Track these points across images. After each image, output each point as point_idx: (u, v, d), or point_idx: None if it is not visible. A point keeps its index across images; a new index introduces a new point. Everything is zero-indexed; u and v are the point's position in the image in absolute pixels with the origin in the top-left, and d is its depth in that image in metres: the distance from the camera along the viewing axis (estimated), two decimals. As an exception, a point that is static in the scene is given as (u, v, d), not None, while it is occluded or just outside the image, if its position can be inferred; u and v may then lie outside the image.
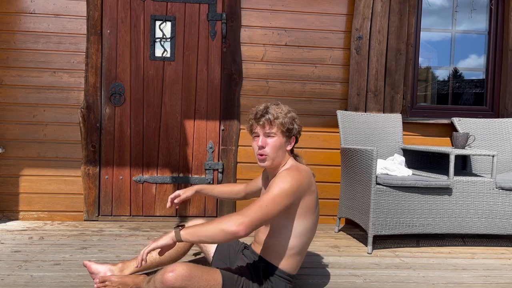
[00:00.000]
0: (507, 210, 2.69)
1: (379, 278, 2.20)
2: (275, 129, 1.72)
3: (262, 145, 1.72)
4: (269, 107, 1.75)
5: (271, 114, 1.71)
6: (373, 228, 2.58)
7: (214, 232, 1.50)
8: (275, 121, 1.71)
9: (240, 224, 1.48)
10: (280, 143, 1.73)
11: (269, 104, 1.78)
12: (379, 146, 3.12)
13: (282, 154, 1.76)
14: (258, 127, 1.73)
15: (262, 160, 1.74)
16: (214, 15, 3.20)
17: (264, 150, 1.72)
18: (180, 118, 3.24)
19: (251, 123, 1.76)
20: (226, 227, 1.48)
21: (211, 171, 3.27)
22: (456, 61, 3.67)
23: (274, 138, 1.72)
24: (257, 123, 1.73)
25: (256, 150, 1.76)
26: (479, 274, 2.31)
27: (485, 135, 3.25)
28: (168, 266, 1.56)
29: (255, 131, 1.75)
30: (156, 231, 2.94)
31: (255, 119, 1.73)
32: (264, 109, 1.74)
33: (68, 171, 3.16)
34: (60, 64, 3.13)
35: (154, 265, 1.98)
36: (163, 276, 1.52)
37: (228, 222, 1.49)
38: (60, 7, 3.12)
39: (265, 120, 1.71)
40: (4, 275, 2.07)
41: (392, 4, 3.26)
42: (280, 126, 1.72)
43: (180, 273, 1.52)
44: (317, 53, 3.31)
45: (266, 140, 1.72)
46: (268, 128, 1.72)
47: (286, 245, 1.72)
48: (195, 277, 1.54)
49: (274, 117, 1.71)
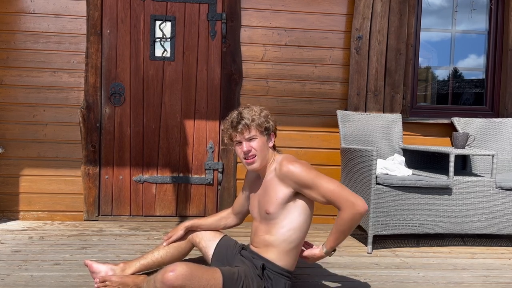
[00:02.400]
0: (507, 210, 2.69)
1: (379, 278, 2.21)
2: (254, 132, 1.76)
3: (248, 149, 1.76)
4: (242, 112, 1.79)
5: (247, 119, 1.75)
6: (373, 228, 2.58)
7: (351, 223, 1.67)
8: (252, 124, 1.75)
9: (361, 206, 1.65)
10: (263, 142, 1.79)
11: (240, 109, 1.82)
12: (379, 146, 3.13)
13: (267, 152, 1.81)
14: (237, 135, 1.77)
15: (251, 162, 1.78)
16: (214, 15, 3.20)
17: (251, 153, 1.77)
18: (180, 118, 3.24)
19: (229, 132, 1.79)
20: (356, 219, 1.66)
21: (211, 171, 3.27)
22: (456, 61, 3.67)
23: (256, 140, 1.77)
24: (235, 131, 1.76)
25: (241, 156, 1.80)
26: (479, 274, 2.31)
27: (485, 135, 3.25)
28: (169, 266, 1.57)
29: (236, 139, 1.79)
30: (156, 231, 2.94)
31: (233, 128, 1.77)
32: (238, 115, 1.78)
33: (68, 171, 3.16)
34: (60, 64, 3.13)
35: (156, 265, 1.99)
36: (164, 276, 1.52)
37: (356, 206, 1.64)
38: (60, 7, 3.11)
39: (242, 126, 1.75)
40: (4, 275, 2.07)
41: (392, 4, 3.26)
42: (257, 127, 1.77)
43: (180, 272, 1.52)
44: (317, 53, 3.31)
45: (250, 144, 1.77)
46: (247, 133, 1.76)
47: (286, 239, 1.74)
48: (196, 276, 1.55)
49: (250, 121, 1.75)
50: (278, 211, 1.73)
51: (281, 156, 1.82)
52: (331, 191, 1.67)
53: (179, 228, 2.07)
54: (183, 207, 3.27)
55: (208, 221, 2.12)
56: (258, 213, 1.84)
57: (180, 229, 2.06)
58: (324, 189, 1.67)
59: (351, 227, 1.68)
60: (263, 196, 1.81)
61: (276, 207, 1.73)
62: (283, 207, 1.73)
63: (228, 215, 2.14)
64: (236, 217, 2.12)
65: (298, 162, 1.74)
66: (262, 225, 1.79)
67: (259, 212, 1.82)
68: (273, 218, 1.74)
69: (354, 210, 1.63)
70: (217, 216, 2.16)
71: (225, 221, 2.13)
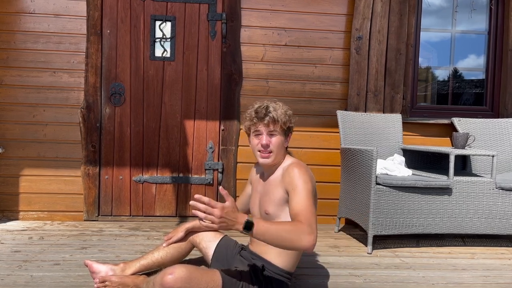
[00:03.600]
0: (507, 210, 2.69)
1: (379, 278, 2.20)
2: (278, 128, 1.75)
3: (267, 143, 1.74)
4: (269, 105, 1.77)
5: (274, 113, 1.74)
6: (373, 228, 2.58)
7: (285, 240, 1.46)
8: (278, 119, 1.74)
9: (313, 239, 1.48)
10: (281, 140, 1.78)
11: (266, 102, 1.80)
12: (379, 146, 3.12)
13: (282, 151, 1.80)
14: (261, 126, 1.74)
15: (266, 157, 1.76)
16: (214, 15, 3.20)
17: (269, 149, 1.75)
18: (180, 118, 3.24)
19: (254, 121, 1.76)
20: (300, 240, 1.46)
21: (211, 171, 3.27)
22: (456, 61, 3.67)
23: (276, 137, 1.76)
24: (261, 121, 1.74)
25: (257, 147, 1.77)
26: (479, 274, 2.31)
27: (485, 135, 3.25)
28: (168, 268, 1.56)
29: (258, 129, 1.76)
30: (156, 231, 2.94)
31: (258, 118, 1.74)
32: (266, 107, 1.76)
33: (68, 171, 3.16)
34: (60, 64, 3.13)
35: (156, 265, 1.98)
36: (163, 279, 1.52)
37: (302, 235, 1.47)
38: (60, 7, 3.11)
39: (269, 119, 1.73)
40: (4, 275, 2.07)
41: (392, 4, 3.26)
42: (282, 125, 1.75)
43: (179, 275, 1.52)
44: (317, 53, 3.31)
45: (270, 138, 1.75)
46: (272, 126, 1.74)
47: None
48: (195, 279, 1.54)
49: (278, 116, 1.74)
50: (277, 212, 1.73)
51: (292, 160, 1.81)
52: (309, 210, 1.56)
53: (179, 230, 2.06)
54: (183, 207, 3.27)
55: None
56: (258, 212, 1.84)
57: (180, 230, 2.05)
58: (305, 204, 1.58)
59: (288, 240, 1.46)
60: (264, 196, 1.81)
61: (275, 208, 1.73)
62: (282, 208, 1.72)
63: None
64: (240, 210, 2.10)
65: (304, 168, 1.70)
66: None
67: (259, 211, 1.82)
68: (272, 219, 1.73)
69: (303, 235, 1.47)
70: None
71: None
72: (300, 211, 1.57)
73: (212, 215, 1.37)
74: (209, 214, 1.37)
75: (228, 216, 1.38)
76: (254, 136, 1.80)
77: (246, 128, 1.82)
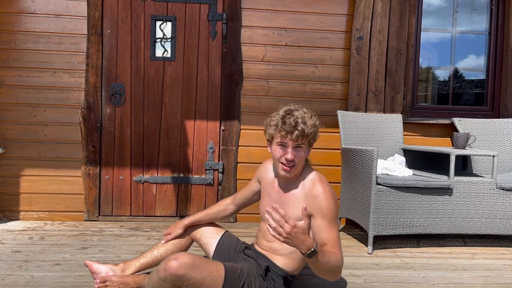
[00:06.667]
0: (508, 210, 2.69)
1: (379, 278, 2.20)
2: (305, 141, 1.68)
3: (293, 158, 1.66)
4: (298, 117, 1.65)
5: (304, 126, 1.64)
6: (373, 228, 2.58)
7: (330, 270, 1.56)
8: (307, 134, 1.66)
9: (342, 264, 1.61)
10: (305, 154, 1.72)
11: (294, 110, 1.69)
12: (379, 146, 3.12)
13: (303, 163, 1.75)
14: (288, 139, 1.65)
15: (288, 171, 1.69)
16: (214, 15, 3.20)
17: (294, 163, 1.68)
18: (180, 118, 3.24)
19: (282, 133, 1.64)
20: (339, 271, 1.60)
21: (212, 171, 3.27)
22: (457, 61, 3.67)
23: (302, 150, 1.69)
24: (290, 134, 1.63)
25: (280, 159, 1.69)
26: (479, 274, 2.30)
27: (486, 135, 3.25)
28: (172, 255, 1.59)
29: (285, 141, 1.66)
30: (156, 231, 2.94)
31: (287, 131, 1.63)
32: (295, 120, 1.64)
33: (69, 171, 3.16)
34: (61, 64, 3.13)
35: (156, 263, 1.98)
36: (167, 264, 1.54)
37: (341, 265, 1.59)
38: (60, 7, 3.12)
39: (299, 133, 1.63)
40: (5, 275, 2.07)
41: (392, 4, 3.26)
42: (311, 139, 1.69)
43: (183, 260, 1.54)
44: (317, 53, 3.31)
45: (295, 152, 1.67)
46: (300, 141, 1.65)
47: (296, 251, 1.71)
48: (198, 266, 1.56)
49: (307, 130, 1.65)
50: None
51: (314, 174, 1.75)
52: (337, 239, 1.63)
53: (178, 226, 2.06)
54: (183, 207, 3.27)
55: (208, 214, 2.09)
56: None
57: (179, 227, 2.05)
58: (334, 234, 1.63)
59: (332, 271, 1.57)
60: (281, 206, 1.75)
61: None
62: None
63: (227, 206, 2.11)
64: (235, 207, 2.10)
65: (331, 191, 1.69)
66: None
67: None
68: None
69: (341, 264, 1.59)
70: (216, 208, 2.11)
71: (224, 213, 2.10)
72: (328, 239, 1.60)
73: (282, 228, 1.38)
74: (279, 226, 1.38)
75: (297, 236, 1.39)
76: (277, 146, 1.69)
77: (269, 136, 1.71)
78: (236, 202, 2.09)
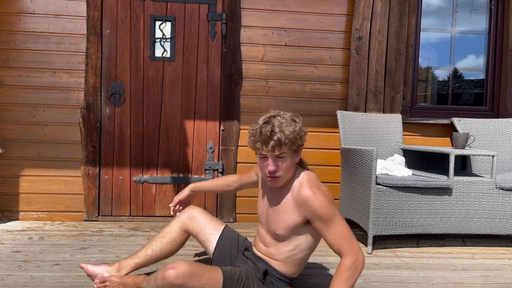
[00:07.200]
0: (507, 210, 2.69)
1: (379, 278, 2.20)
2: (286, 149, 1.60)
3: (274, 169, 1.61)
4: (275, 125, 1.58)
5: (280, 134, 1.56)
6: (373, 228, 2.58)
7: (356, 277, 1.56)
8: (285, 142, 1.57)
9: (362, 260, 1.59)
10: (291, 162, 1.65)
11: (272, 119, 1.61)
12: (379, 146, 3.12)
13: (293, 169, 1.69)
14: (265, 151, 1.59)
15: (275, 182, 1.66)
16: (214, 15, 3.20)
17: (277, 174, 1.63)
18: (180, 118, 3.24)
19: (258, 146, 1.60)
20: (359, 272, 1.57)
21: (211, 171, 3.27)
22: (456, 61, 3.67)
23: (284, 159, 1.62)
24: (265, 146, 1.57)
25: (264, 172, 1.65)
26: (479, 274, 2.31)
27: (485, 135, 3.25)
28: (169, 263, 1.57)
29: (263, 153, 1.61)
30: (156, 231, 2.94)
31: (263, 143, 1.58)
32: (271, 129, 1.57)
33: (68, 171, 3.16)
34: (60, 64, 3.13)
35: (152, 261, 1.98)
36: (164, 273, 1.53)
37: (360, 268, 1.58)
38: (60, 7, 3.12)
39: (274, 143, 1.56)
40: (4, 275, 2.07)
41: (392, 4, 3.26)
42: (291, 145, 1.60)
43: (181, 270, 1.52)
44: (317, 53, 3.31)
45: (277, 163, 1.61)
46: (278, 151, 1.59)
47: (291, 257, 1.73)
48: (196, 274, 1.55)
49: (284, 138, 1.57)
50: (288, 235, 1.70)
51: (304, 175, 1.70)
52: (344, 234, 1.60)
53: (184, 190, 2.18)
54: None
55: (214, 185, 2.22)
56: (265, 222, 1.80)
57: (186, 189, 2.16)
58: (338, 231, 1.60)
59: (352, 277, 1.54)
60: (273, 212, 1.74)
61: (286, 232, 1.70)
62: (294, 231, 1.69)
63: (232, 183, 2.18)
64: (238, 186, 2.17)
65: (320, 190, 1.62)
66: (269, 238, 1.77)
67: (267, 224, 1.78)
68: (281, 239, 1.72)
69: (356, 260, 1.56)
70: (222, 182, 2.22)
71: (227, 188, 2.20)
72: (339, 243, 1.59)
73: None
74: None
75: None
76: (259, 158, 1.65)
77: (251, 147, 1.65)
78: (242, 181, 2.15)
